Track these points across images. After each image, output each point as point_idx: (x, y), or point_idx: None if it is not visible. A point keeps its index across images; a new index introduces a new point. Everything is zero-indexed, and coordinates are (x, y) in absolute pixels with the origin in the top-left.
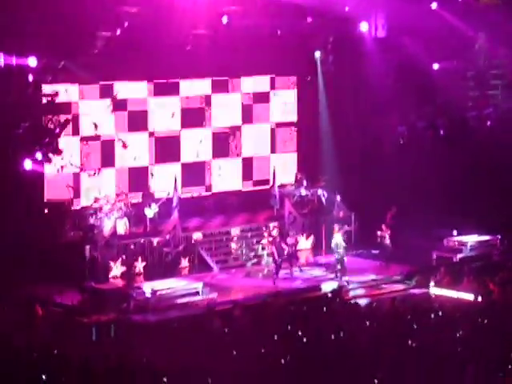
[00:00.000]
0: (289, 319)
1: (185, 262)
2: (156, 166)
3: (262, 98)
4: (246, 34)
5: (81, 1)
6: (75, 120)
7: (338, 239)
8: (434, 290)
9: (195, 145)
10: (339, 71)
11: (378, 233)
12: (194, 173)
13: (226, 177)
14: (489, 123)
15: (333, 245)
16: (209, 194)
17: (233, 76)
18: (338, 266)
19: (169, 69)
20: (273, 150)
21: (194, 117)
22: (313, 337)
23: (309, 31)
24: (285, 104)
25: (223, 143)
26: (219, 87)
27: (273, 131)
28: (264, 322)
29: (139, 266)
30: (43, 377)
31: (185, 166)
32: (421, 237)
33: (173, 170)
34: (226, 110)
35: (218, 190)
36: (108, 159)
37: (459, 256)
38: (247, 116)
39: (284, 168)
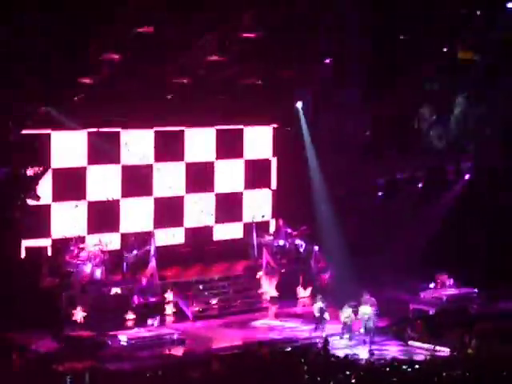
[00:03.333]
0: (267, 370)
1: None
2: (126, 201)
3: (239, 148)
4: (227, 83)
5: (63, 46)
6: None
7: (366, 310)
8: (411, 343)
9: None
10: (319, 122)
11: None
12: (169, 210)
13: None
14: (467, 177)
15: (359, 316)
16: (184, 242)
17: (212, 124)
18: (369, 336)
19: (149, 116)
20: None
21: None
22: None
23: (290, 81)
24: (263, 154)
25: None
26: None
27: (248, 183)
28: (241, 373)
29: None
30: None
31: (158, 202)
32: (397, 289)
33: (145, 206)
34: (200, 147)
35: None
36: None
37: (436, 309)
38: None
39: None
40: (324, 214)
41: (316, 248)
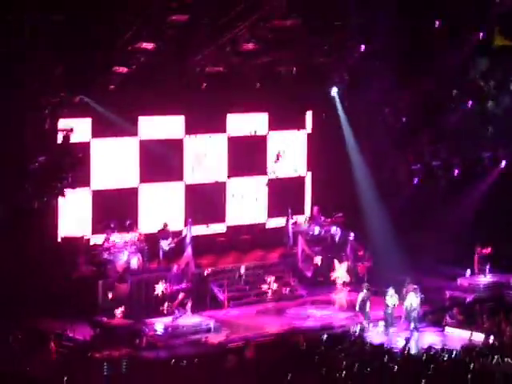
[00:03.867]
0: (303, 357)
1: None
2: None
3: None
4: (262, 71)
5: (96, 36)
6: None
7: (412, 300)
8: (448, 330)
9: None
10: (354, 108)
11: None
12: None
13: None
14: (503, 163)
15: (406, 305)
16: (223, 231)
17: (247, 111)
18: (412, 325)
19: (183, 106)
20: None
21: None
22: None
23: (324, 67)
24: (298, 140)
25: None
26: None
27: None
28: (277, 360)
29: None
30: None
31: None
32: (434, 276)
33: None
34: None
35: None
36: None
37: (472, 296)
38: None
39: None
40: (363, 200)
41: (351, 236)
